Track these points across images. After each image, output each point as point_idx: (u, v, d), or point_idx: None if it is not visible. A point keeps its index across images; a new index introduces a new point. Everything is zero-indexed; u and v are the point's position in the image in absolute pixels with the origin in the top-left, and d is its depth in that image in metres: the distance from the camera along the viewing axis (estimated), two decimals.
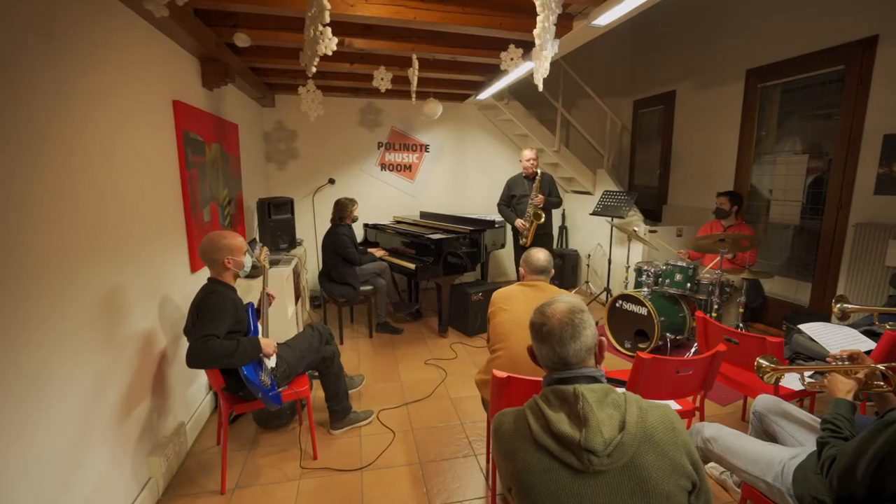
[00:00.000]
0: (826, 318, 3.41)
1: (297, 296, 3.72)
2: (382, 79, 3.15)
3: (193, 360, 1.73)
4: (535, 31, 1.60)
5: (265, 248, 2.46)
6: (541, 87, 2.23)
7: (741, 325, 3.37)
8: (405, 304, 4.33)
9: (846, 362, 1.41)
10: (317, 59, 1.93)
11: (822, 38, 3.45)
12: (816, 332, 2.41)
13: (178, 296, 2.33)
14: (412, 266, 3.83)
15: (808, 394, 2.22)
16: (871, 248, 3.17)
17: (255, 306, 2.17)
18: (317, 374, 2.40)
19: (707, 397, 2.08)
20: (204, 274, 2.60)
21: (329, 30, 1.84)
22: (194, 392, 2.52)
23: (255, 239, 3.78)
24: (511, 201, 4.16)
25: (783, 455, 1.46)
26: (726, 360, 2.29)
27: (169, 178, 2.27)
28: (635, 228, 3.94)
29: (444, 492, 2.05)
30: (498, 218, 4.37)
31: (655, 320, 3.25)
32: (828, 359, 1.49)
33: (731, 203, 3.64)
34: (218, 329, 1.78)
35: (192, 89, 2.65)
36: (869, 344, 2.22)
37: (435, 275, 3.76)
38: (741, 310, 3.27)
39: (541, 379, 1.64)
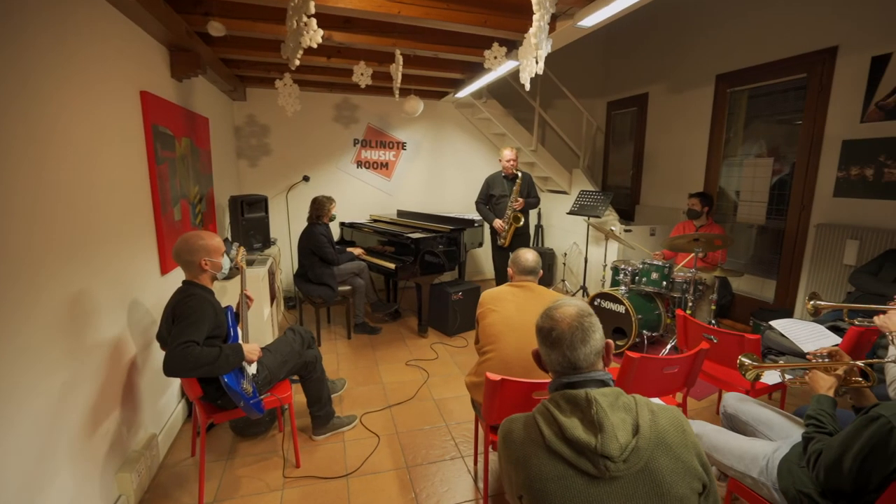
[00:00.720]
0: (789, 313, 3.59)
1: (273, 297, 3.60)
2: (363, 74, 3.07)
3: (172, 368, 1.62)
4: (531, 31, 1.58)
5: (241, 248, 2.35)
6: (528, 86, 2.23)
7: (713, 321, 3.50)
8: (383, 304, 4.26)
9: (826, 359, 1.47)
10: (300, 52, 1.86)
11: (787, 48, 3.61)
12: (786, 328, 2.52)
13: (148, 300, 2.20)
14: (392, 266, 3.76)
15: (782, 387, 2.31)
16: (830, 247, 3.34)
17: (234, 309, 2.07)
18: (297, 378, 2.32)
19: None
20: (176, 276, 2.47)
21: (314, 21, 1.77)
22: (166, 401, 2.38)
23: (227, 238, 3.63)
24: (490, 200, 4.16)
25: (766, 450, 1.50)
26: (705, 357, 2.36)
27: (137, 174, 2.13)
28: (612, 228, 4.01)
29: (433, 496, 2.02)
30: (477, 217, 4.36)
31: (633, 318, 3.32)
32: (808, 356, 1.54)
33: (703, 204, 3.77)
34: (197, 334, 1.67)
35: (161, 80, 2.49)
36: (834, 339, 2.34)
37: (415, 274, 3.71)
38: (713, 307, 3.39)
39: (534, 381, 1.64)
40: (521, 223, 3.96)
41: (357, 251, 4.07)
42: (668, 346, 3.36)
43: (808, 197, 3.54)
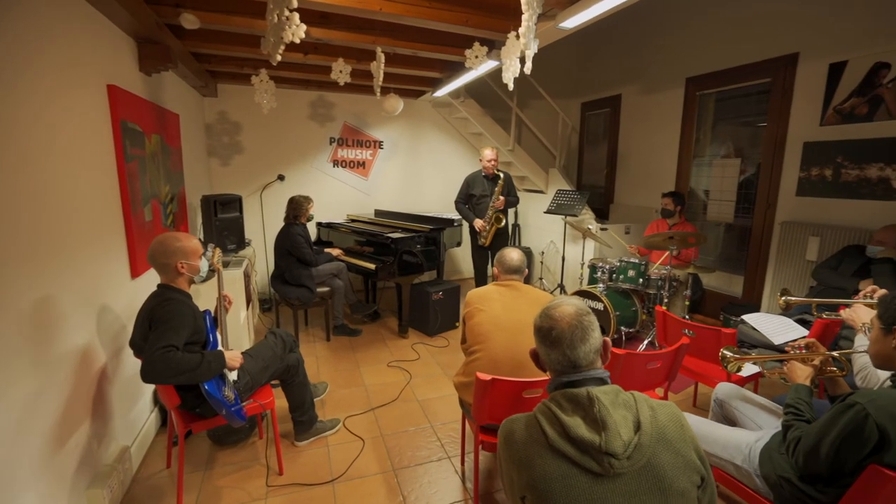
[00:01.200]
0: (757, 308, 3.75)
1: (249, 300, 3.49)
2: (341, 71, 3.01)
3: (152, 374, 1.54)
4: (521, 30, 1.58)
5: (217, 249, 2.27)
6: (511, 86, 2.24)
7: (687, 316, 3.62)
8: (363, 304, 4.20)
9: (803, 351, 1.54)
10: (282, 47, 1.80)
11: (753, 53, 3.77)
12: (757, 321, 2.63)
13: (117, 305, 2.09)
14: (372, 266, 3.72)
15: (756, 377, 2.41)
16: (794, 244, 3.51)
17: (212, 314, 1.99)
18: (276, 383, 2.25)
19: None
20: (147, 279, 2.36)
21: (297, 16, 1.72)
22: (138, 411, 2.27)
23: (200, 239, 3.49)
24: (470, 200, 4.17)
25: (749, 438, 1.56)
26: None
27: (104, 173, 2.02)
28: (590, 226, 4.09)
29: (421, 498, 2.00)
30: (456, 216, 4.36)
31: (611, 315, 3.39)
32: (787, 348, 1.61)
33: (675, 203, 3.89)
34: (177, 339, 1.60)
35: (129, 73, 2.37)
36: (802, 331, 2.46)
37: (394, 275, 3.68)
38: (687, 302, 3.50)
39: (524, 380, 1.65)
40: (503, 224, 3.99)
41: (335, 252, 4.00)
42: (645, 342, 3.45)
43: (773, 196, 3.71)
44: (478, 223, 4.04)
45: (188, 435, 2.32)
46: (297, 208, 3.55)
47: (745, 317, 2.71)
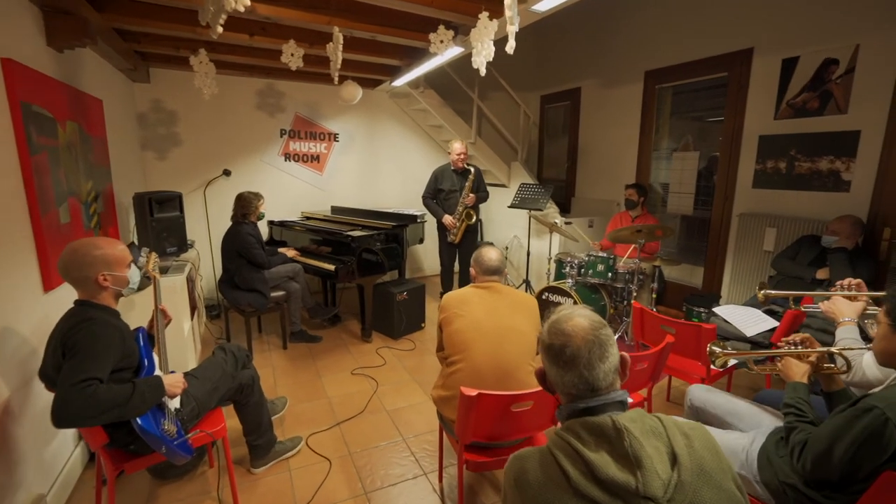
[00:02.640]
0: (717, 298, 3.84)
1: (194, 308, 3.14)
2: (293, 55, 2.73)
3: (65, 416, 1.24)
4: (506, 2, 1.42)
5: (153, 254, 1.96)
6: (483, 71, 2.08)
7: (654, 308, 3.63)
8: (322, 308, 3.92)
9: (799, 346, 1.49)
10: (223, 17, 1.54)
11: (709, 47, 3.82)
12: (728, 314, 2.64)
13: (25, 326, 1.74)
14: (331, 267, 3.45)
15: (730, 371, 2.41)
16: (752, 235, 3.61)
17: (147, 331, 1.70)
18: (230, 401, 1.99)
19: None
20: (63, 293, 2.01)
21: None
22: (56, 450, 1.92)
23: (133, 243, 3.09)
24: (438, 195, 3.98)
25: (744, 442, 1.49)
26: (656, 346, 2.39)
27: (3, 166, 1.66)
28: (556, 221, 4.02)
29: None
30: (419, 212, 4.16)
31: None
32: (780, 343, 1.56)
33: (639, 194, 3.90)
34: (99, 370, 1.31)
35: (33, 48, 1.99)
36: (772, 322, 2.48)
37: (356, 276, 3.44)
38: (654, 295, 3.51)
39: (512, 393, 1.50)
40: (474, 220, 3.84)
41: (290, 252, 3.70)
42: (615, 338, 3.41)
43: (731, 188, 3.80)
44: (447, 220, 3.87)
45: (120, 475, 2.00)
46: (246, 206, 3.23)
47: (716, 309, 2.72)
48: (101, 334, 1.37)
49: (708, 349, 1.67)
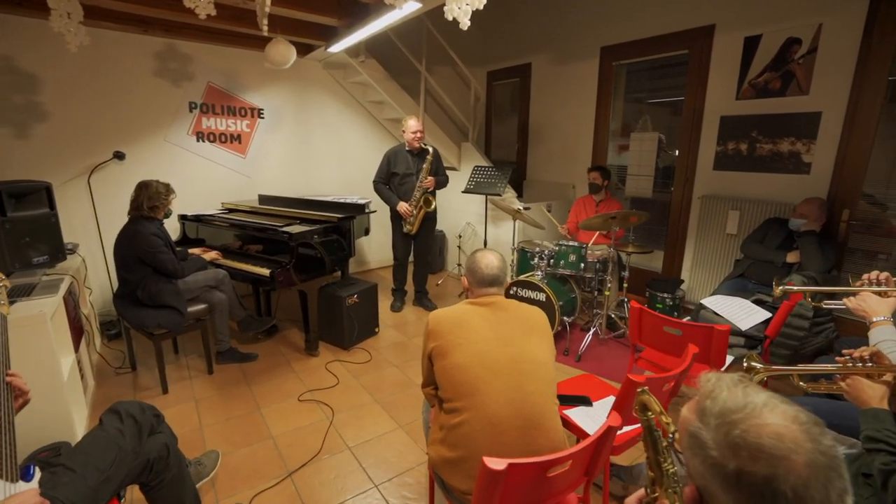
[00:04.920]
0: (678, 282, 3.77)
1: (80, 333, 2.40)
2: None
3: None
4: None
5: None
6: (465, 24, 1.64)
7: (625, 298, 3.47)
8: (255, 320, 3.28)
9: (869, 364, 1.26)
10: None
11: (670, 23, 3.65)
12: (718, 306, 2.48)
13: None
14: (265, 271, 2.85)
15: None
16: (714, 217, 3.55)
17: None
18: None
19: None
20: None
21: None
22: None
23: None
24: (392, 179, 3.48)
25: None
26: (658, 350, 2.16)
27: None
28: (518, 207, 3.71)
29: None
30: (363, 199, 3.61)
31: (555, 305, 3.07)
32: (839, 359, 1.33)
33: (603, 177, 3.69)
34: None
35: None
36: (764, 314, 2.35)
37: (294, 280, 2.87)
38: (626, 284, 3.34)
39: (546, 458, 1.10)
40: (433, 207, 3.39)
41: (210, 255, 3.02)
42: (591, 332, 3.20)
43: (692, 170, 3.71)
44: (402, 207, 3.38)
45: None
46: (153, 198, 2.51)
47: (704, 301, 2.56)
48: None
49: (745, 364, 1.42)
